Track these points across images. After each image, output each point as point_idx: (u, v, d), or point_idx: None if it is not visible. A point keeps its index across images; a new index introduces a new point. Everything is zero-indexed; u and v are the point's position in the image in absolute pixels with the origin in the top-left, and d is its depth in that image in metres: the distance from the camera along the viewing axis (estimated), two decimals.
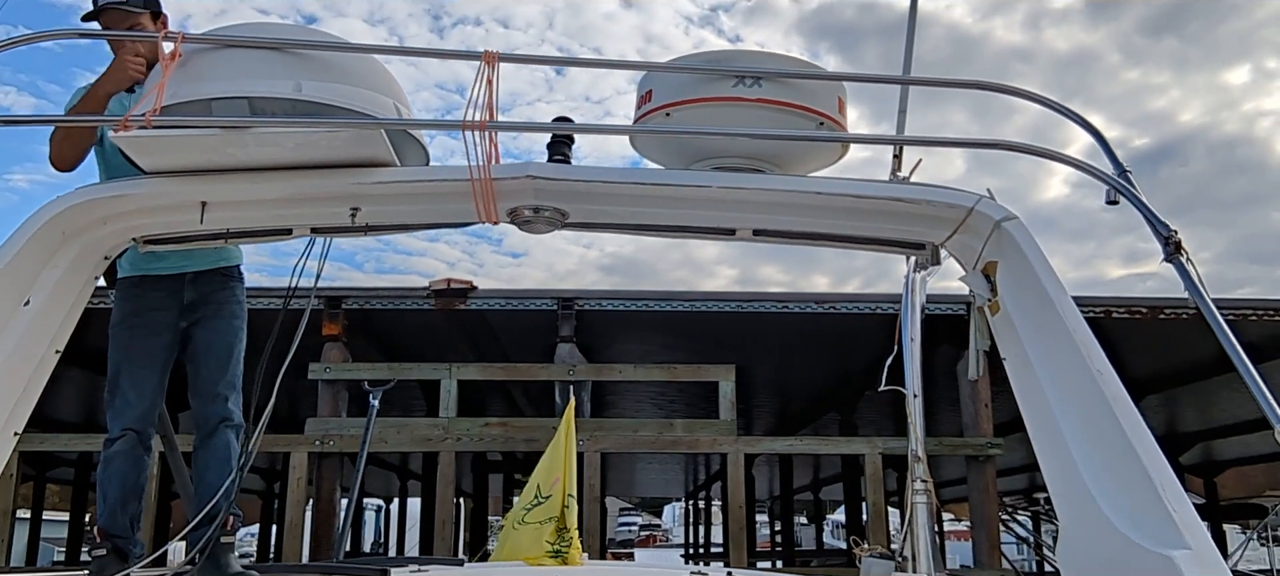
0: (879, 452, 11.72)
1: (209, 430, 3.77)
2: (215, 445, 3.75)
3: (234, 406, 3.81)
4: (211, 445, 3.76)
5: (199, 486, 3.70)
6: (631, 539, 52.41)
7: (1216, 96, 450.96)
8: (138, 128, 2.73)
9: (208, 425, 3.78)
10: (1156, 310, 11.78)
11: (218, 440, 3.76)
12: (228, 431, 3.77)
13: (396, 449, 13.90)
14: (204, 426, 3.78)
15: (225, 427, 3.77)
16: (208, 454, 3.75)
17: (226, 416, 3.78)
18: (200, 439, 3.79)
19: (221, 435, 3.76)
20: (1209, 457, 21.33)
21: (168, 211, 3.01)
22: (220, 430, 3.76)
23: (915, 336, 3.40)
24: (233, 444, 3.75)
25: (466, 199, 2.89)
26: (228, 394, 3.81)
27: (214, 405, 3.79)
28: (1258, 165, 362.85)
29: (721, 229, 3.15)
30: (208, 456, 3.74)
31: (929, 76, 3.48)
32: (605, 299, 12.30)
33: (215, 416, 3.78)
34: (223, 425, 3.77)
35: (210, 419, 3.78)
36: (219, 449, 3.74)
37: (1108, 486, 2.33)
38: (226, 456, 3.72)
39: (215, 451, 3.74)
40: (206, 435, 3.77)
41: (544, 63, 5.00)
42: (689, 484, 35.88)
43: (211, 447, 3.75)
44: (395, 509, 27.63)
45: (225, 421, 3.77)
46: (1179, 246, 2.46)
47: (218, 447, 3.74)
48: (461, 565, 3.18)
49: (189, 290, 3.87)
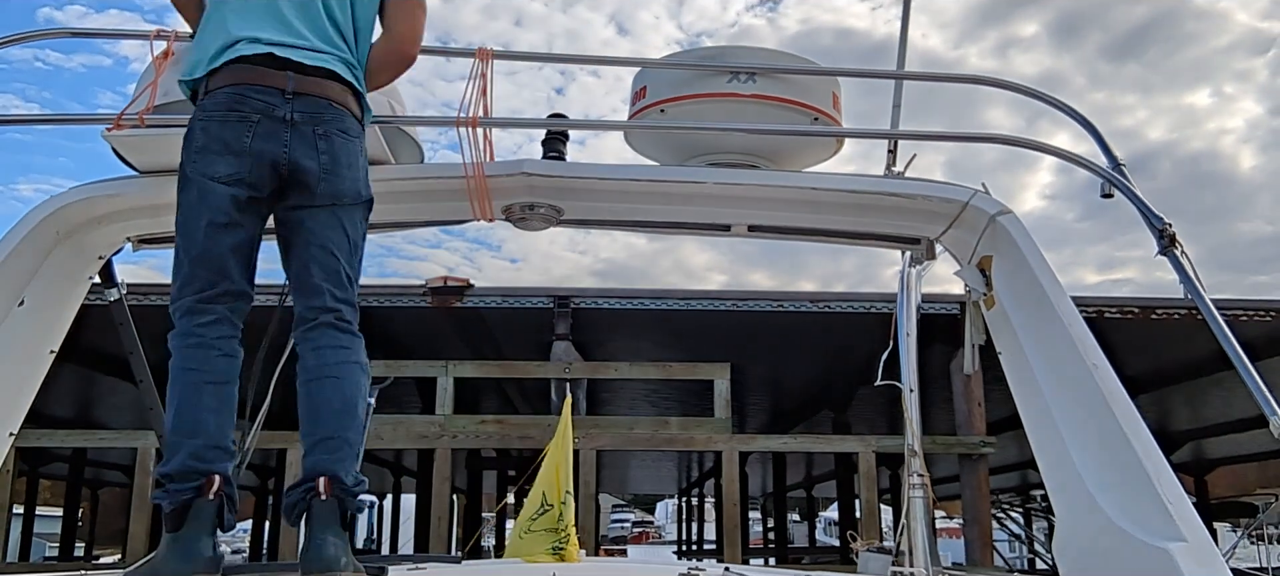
0: (872, 450, 11.74)
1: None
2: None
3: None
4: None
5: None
6: (625, 535, 52.42)
7: (1181, 116, 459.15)
8: (131, 127, 2.73)
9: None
10: (1148, 310, 11.81)
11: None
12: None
13: (392, 446, 13.89)
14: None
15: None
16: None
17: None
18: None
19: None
20: (1200, 456, 21.40)
21: (161, 211, 2.99)
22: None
23: (911, 331, 3.40)
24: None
25: (461, 196, 2.89)
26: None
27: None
28: (1225, 179, 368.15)
29: (717, 225, 3.15)
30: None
31: (923, 71, 3.49)
32: (601, 297, 12.30)
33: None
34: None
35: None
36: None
37: (1103, 479, 2.33)
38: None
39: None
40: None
41: (539, 60, 5.00)
42: (682, 480, 35.90)
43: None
44: (388, 505, 27.59)
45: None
46: (1173, 239, 2.45)
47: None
48: (458, 562, 3.17)
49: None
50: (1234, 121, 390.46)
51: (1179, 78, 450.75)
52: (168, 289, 2.43)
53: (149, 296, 10.91)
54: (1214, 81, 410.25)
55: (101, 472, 25.03)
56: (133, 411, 15.72)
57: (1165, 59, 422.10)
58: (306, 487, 2.29)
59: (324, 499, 2.26)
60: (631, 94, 3.11)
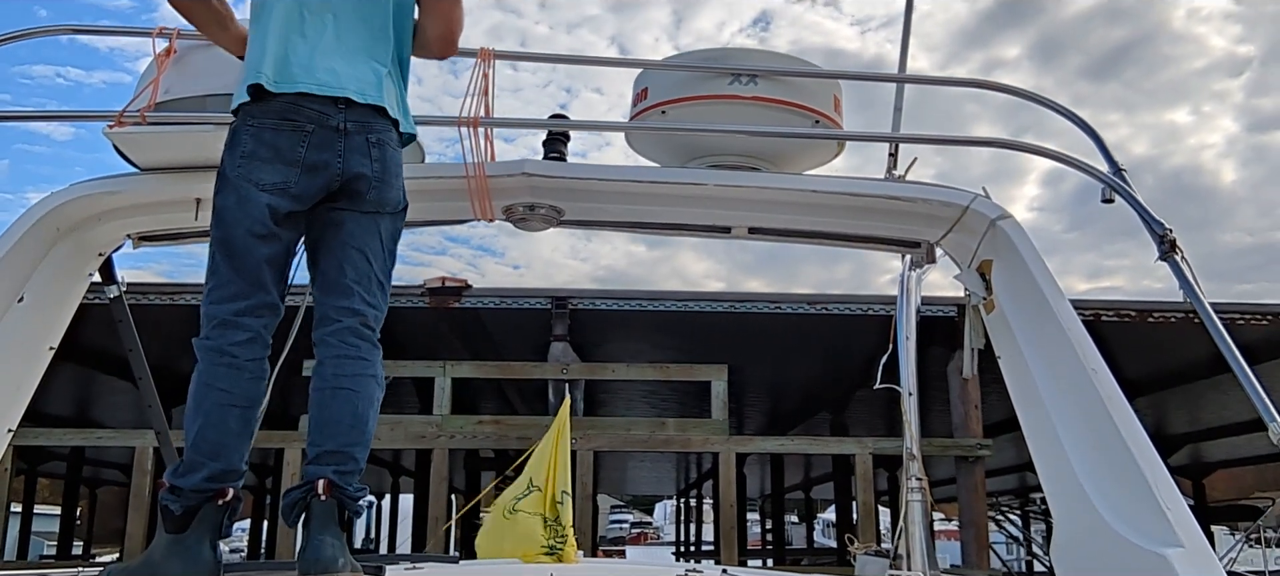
0: (869, 453, 11.74)
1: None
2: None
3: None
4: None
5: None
6: (623, 536, 52.39)
7: (1162, 132, 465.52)
8: (132, 124, 2.72)
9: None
10: (1145, 313, 11.82)
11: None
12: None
13: (390, 446, 13.88)
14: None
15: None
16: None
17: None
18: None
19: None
20: (1197, 459, 21.41)
21: (162, 208, 3.00)
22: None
23: (910, 335, 3.40)
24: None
25: (462, 196, 2.89)
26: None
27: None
28: (1207, 192, 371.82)
29: (717, 227, 3.15)
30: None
31: (923, 75, 3.49)
32: (599, 298, 12.30)
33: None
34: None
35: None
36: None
37: (1102, 484, 2.33)
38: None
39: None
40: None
41: (541, 60, 5.00)
42: (680, 482, 35.88)
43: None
44: (386, 505, 27.57)
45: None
46: (1174, 245, 2.46)
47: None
48: (456, 562, 3.17)
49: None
50: (1213, 137, 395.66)
51: (1158, 96, 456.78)
52: (168, 289, 2.43)
53: (148, 295, 10.93)
54: (1192, 100, 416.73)
55: (99, 471, 25.03)
56: (131, 410, 15.73)
57: (1144, 78, 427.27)
58: (305, 488, 2.29)
59: (323, 499, 2.26)
60: (633, 95, 3.11)
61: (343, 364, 2.38)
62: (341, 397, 2.36)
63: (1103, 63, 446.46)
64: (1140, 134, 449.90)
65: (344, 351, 2.39)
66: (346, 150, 2.37)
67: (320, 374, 2.39)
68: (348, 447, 2.33)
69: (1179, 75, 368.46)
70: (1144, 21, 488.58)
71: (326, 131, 2.35)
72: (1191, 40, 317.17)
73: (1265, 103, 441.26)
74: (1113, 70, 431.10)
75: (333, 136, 2.36)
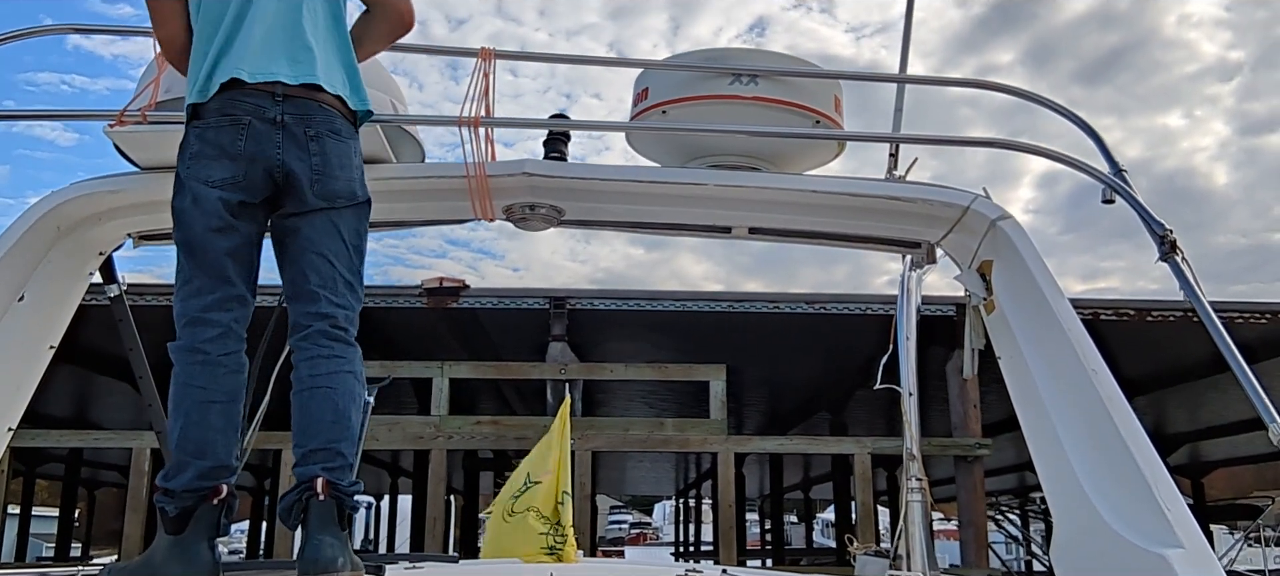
0: (868, 452, 11.76)
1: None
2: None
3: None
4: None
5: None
6: (622, 536, 52.39)
7: (1155, 136, 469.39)
8: (133, 123, 2.72)
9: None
10: (1144, 312, 11.83)
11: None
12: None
13: (388, 446, 13.88)
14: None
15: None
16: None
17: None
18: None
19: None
20: (1197, 458, 21.43)
21: (163, 207, 2.97)
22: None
23: (911, 335, 3.40)
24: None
25: (462, 196, 2.89)
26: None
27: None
28: (1200, 195, 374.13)
29: (717, 227, 3.15)
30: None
31: (925, 76, 3.49)
32: (597, 298, 12.30)
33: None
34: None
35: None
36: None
37: (1102, 484, 2.33)
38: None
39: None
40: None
41: (542, 60, 4.99)
42: (679, 482, 35.88)
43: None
44: (385, 506, 27.57)
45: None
46: (1174, 245, 2.46)
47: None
48: (455, 562, 3.17)
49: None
50: (1206, 141, 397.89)
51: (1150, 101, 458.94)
52: (168, 289, 2.42)
53: (146, 295, 10.91)
54: (1185, 104, 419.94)
55: (98, 473, 25.00)
56: (129, 412, 15.71)
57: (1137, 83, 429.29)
58: (303, 489, 2.28)
59: (321, 499, 2.26)
60: (633, 95, 3.11)
61: (318, 364, 2.38)
62: (320, 396, 2.36)
63: (1096, 67, 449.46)
64: (1134, 137, 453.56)
65: (318, 353, 2.39)
66: (284, 143, 2.37)
67: (298, 377, 2.40)
68: (332, 443, 2.33)
69: (1171, 80, 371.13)
70: (1136, 27, 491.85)
71: (264, 124, 2.36)
72: (1183, 45, 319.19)
73: (1257, 106, 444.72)
74: (1105, 75, 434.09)
75: (270, 129, 2.36)
